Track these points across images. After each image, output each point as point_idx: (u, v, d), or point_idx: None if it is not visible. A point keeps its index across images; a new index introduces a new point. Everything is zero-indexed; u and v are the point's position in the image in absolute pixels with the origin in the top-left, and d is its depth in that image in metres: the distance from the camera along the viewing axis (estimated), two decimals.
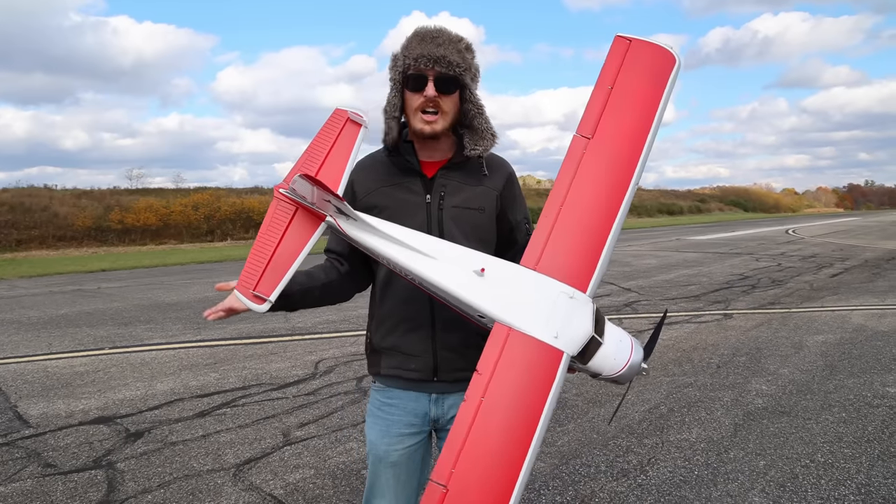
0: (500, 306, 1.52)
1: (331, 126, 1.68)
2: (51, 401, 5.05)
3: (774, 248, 19.24)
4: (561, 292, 1.53)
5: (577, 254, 1.56)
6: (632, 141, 1.61)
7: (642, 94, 1.64)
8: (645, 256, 16.66)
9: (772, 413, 4.49)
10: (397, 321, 1.83)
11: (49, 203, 26.28)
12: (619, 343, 1.58)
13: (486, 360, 1.49)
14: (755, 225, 38.23)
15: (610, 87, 1.65)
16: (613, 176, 1.59)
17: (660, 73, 1.65)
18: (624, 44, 1.67)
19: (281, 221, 1.60)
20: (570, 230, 1.57)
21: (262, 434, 4.21)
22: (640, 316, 8.21)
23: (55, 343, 7.27)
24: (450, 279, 1.56)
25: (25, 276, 15.27)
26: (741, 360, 5.91)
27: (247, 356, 6.38)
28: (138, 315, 8.96)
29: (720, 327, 7.44)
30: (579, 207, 1.58)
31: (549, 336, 1.49)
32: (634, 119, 1.63)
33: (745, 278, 11.85)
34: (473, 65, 1.78)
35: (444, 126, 1.75)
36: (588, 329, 1.52)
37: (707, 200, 69.44)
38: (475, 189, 1.82)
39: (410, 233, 1.62)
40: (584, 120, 1.64)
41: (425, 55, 1.70)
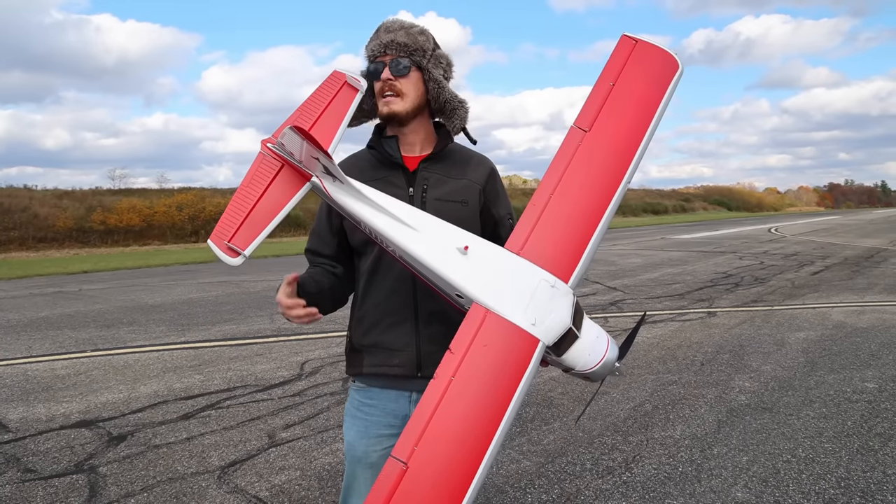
0: (479, 286, 1.50)
1: (327, 87, 1.65)
2: (31, 405, 4.98)
3: (757, 246, 19.46)
4: (543, 280, 1.51)
5: (562, 243, 1.55)
6: (628, 139, 1.61)
7: (643, 94, 1.64)
8: (630, 255, 16.77)
9: (754, 409, 4.53)
10: (379, 317, 1.82)
11: (29, 204, 25.91)
12: (596, 339, 1.56)
13: (460, 339, 1.46)
14: (738, 224, 38.64)
15: (612, 84, 1.64)
16: (606, 171, 1.58)
17: (662, 76, 1.65)
18: (629, 44, 1.67)
19: (264, 176, 1.55)
20: (558, 219, 1.56)
21: (247, 436, 4.19)
22: (626, 315, 8.26)
23: (35, 346, 7.17)
24: (431, 253, 1.53)
25: (4, 278, 15.04)
26: (725, 358, 5.97)
27: (231, 357, 6.33)
28: (121, 317, 8.87)
29: (704, 325, 7.50)
30: (569, 198, 1.57)
31: (527, 322, 1.47)
32: (633, 118, 1.63)
33: (729, 276, 11.97)
34: (429, 47, 1.80)
35: (404, 108, 1.78)
36: (566, 320, 1.50)
37: (691, 200, 70.11)
38: (458, 182, 1.84)
39: (397, 203, 1.59)
40: (583, 112, 1.63)
41: (378, 44, 1.77)
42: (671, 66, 1.66)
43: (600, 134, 1.60)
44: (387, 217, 1.56)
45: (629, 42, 1.67)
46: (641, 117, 1.62)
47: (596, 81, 1.65)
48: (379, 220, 1.56)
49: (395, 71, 1.75)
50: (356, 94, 1.65)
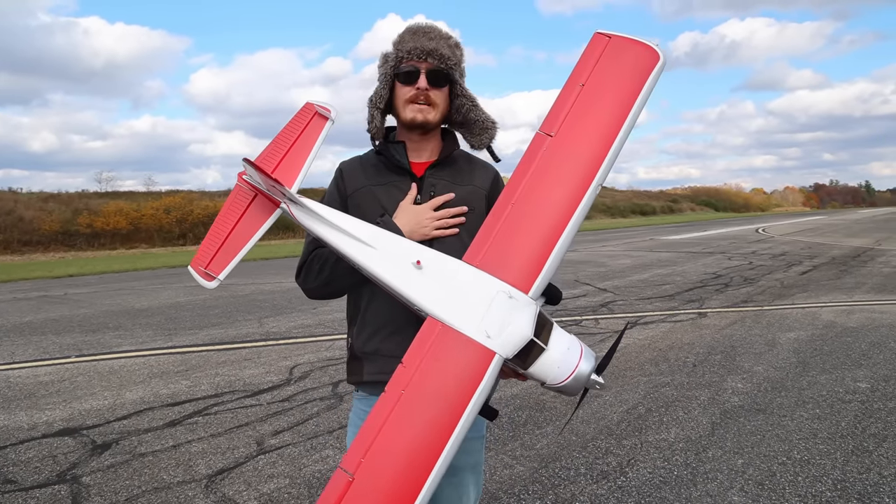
0: (433, 300, 1.49)
1: (299, 119, 1.77)
2: (12, 413, 4.86)
3: (746, 246, 19.55)
4: (500, 291, 1.47)
5: (522, 253, 1.49)
6: (597, 141, 1.53)
7: (616, 92, 1.56)
8: (619, 257, 16.79)
9: (748, 411, 4.50)
10: (380, 324, 1.79)
11: (14, 207, 25.66)
12: (567, 351, 1.49)
13: (412, 353, 1.45)
14: (726, 224, 38.88)
15: (581, 85, 1.57)
16: (572, 176, 1.52)
17: (639, 70, 1.56)
18: (602, 41, 1.59)
19: (239, 206, 1.70)
20: (518, 228, 1.51)
21: (235, 443, 4.11)
22: (617, 316, 8.24)
23: (18, 352, 7.03)
24: (386, 269, 1.55)
25: None
26: (716, 359, 5.95)
27: (219, 362, 6.24)
28: (107, 321, 8.74)
29: (695, 326, 7.49)
30: (530, 206, 1.52)
31: (481, 335, 1.44)
32: (604, 119, 1.55)
33: (719, 277, 11.99)
34: (462, 61, 1.82)
35: (435, 117, 1.78)
36: (526, 332, 1.45)
37: (679, 200, 70.48)
38: (464, 188, 1.82)
39: (353, 221, 1.63)
40: (548, 117, 1.58)
41: (418, 48, 1.74)
42: (650, 58, 1.56)
43: (566, 138, 1.54)
44: (344, 236, 1.60)
45: (602, 39, 1.59)
46: (614, 117, 1.54)
47: (564, 84, 1.59)
48: (338, 239, 1.61)
49: (434, 82, 1.75)
50: (325, 122, 1.75)
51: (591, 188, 1.51)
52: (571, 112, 1.56)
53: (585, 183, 1.52)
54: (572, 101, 1.57)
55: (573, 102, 1.57)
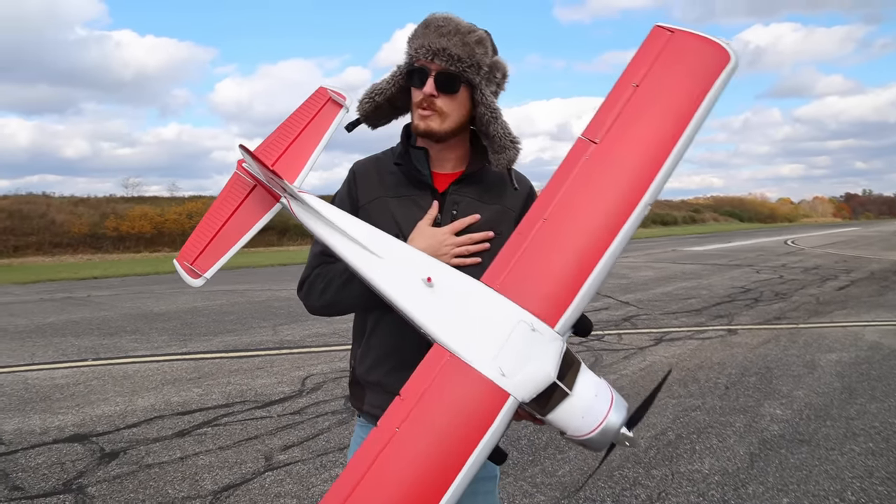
0: (442, 325, 1.29)
1: (311, 104, 1.61)
2: (27, 415, 4.79)
3: (774, 259, 19.03)
4: (521, 321, 1.26)
5: (551, 279, 1.29)
6: (651, 151, 1.32)
7: (677, 96, 1.33)
8: (641, 268, 16.43)
9: (790, 441, 4.21)
10: (385, 354, 1.60)
11: (46, 210, 26.30)
12: (595, 398, 1.27)
13: (413, 384, 1.25)
14: (752, 235, 38.07)
15: (635, 85, 1.34)
16: (618, 191, 1.31)
17: (706, 71, 1.33)
18: (662, 36, 1.37)
19: (235, 197, 1.54)
20: (549, 249, 1.30)
21: (242, 457, 3.95)
22: (640, 331, 7.97)
23: (38, 353, 7.00)
24: (391, 284, 1.36)
25: (19, 282, 15.03)
26: (751, 381, 5.66)
27: (232, 370, 6.11)
28: (125, 325, 8.70)
29: (725, 344, 7.20)
30: (566, 223, 1.31)
31: (495, 371, 1.24)
32: (660, 125, 1.33)
33: (747, 291, 11.63)
34: (486, 61, 1.53)
35: (441, 127, 1.54)
36: (549, 373, 1.24)
37: (701, 210, 69.37)
38: (491, 208, 1.59)
39: (360, 225, 1.44)
40: (594, 121, 1.35)
41: (426, 46, 1.50)
42: (719, 58, 1.33)
43: (614, 146, 1.33)
44: (347, 241, 1.42)
45: (662, 34, 1.37)
46: (672, 124, 1.32)
47: (615, 84, 1.37)
48: (340, 243, 1.43)
49: (441, 87, 1.51)
50: (339, 110, 1.60)
51: (639, 206, 1.30)
52: (622, 116, 1.34)
53: (634, 199, 1.30)
54: (623, 103, 1.34)
55: (624, 105, 1.34)
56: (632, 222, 1.30)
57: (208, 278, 1.50)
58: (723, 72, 1.32)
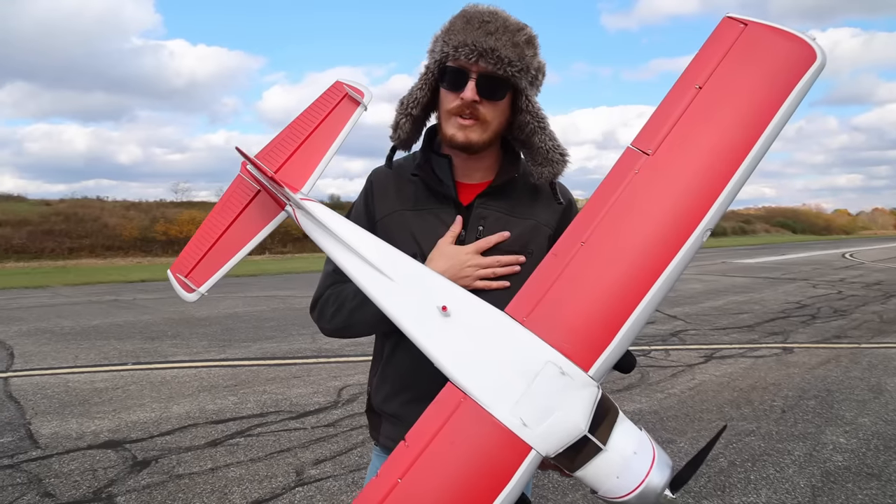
0: (456, 361, 1.13)
1: (325, 100, 1.44)
2: (65, 419, 4.82)
3: (832, 273, 18.21)
4: (549, 362, 1.09)
5: (588, 314, 1.11)
6: (715, 166, 1.12)
7: (750, 100, 1.13)
8: (690, 281, 15.91)
9: (857, 475, 3.88)
10: (403, 384, 1.46)
11: (100, 214, 27.36)
12: (634, 456, 1.09)
13: (421, 428, 1.10)
14: (806, 248, 36.67)
15: (698, 87, 1.14)
16: (672, 214, 1.12)
17: (785, 72, 1.12)
18: (734, 29, 1.15)
19: (236, 204, 1.40)
20: (586, 278, 1.12)
21: (273, 470, 3.86)
22: (689, 347, 7.64)
23: (81, 355, 7.11)
24: (402, 310, 1.20)
25: (70, 284, 15.49)
26: (810, 405, 5.31)
27: (268, 378, 6.06)
28: (166, 329, 8.79)
29: (780, 363, 6.82)
30: (608, 248, 1.13)
31: (514, 420, 1.07)
32: (728, 135, 1.12)
33: (803, 307, 11.10)
34: (534, 63, 1.35)
35: (482, 138, 1.36)
36: (579, 425, 1.07)
37: (752, 221, 67.39)
38: (523, 223, 1.41)
39: (370, 241, 1.28)
40: (646, 128, 1.16)
41: (469, 45, 1.29)
42: (803, 56, 1.12)
43: (670, 158, 1.13)
44: (356, 259, 1.25)
45: (734, 27, 1.15)
46: (744, 133, 1.12)
47: (674, 85, 1.17)
48: (347, 261, 1.28)
49: (485, 93, 1.31)
50: (357, 107, 1.43)
51: (696, 232, 1.10)
52: (681, 123, 1.13)
53: (690, 224, 1.10)
54: (683, 107, 1.14)
55: (684, 110, 1.14)
56: (686, 251, 1.10)
57: (203, 293, 1.37)
58: (807, 72, 1.11)
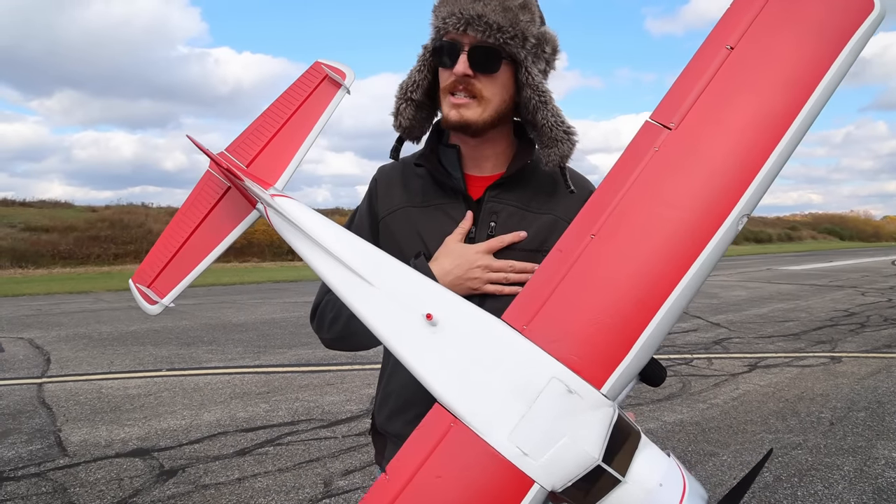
0: (445, 379, 0.96)
1: (303, 83, 1.29)
2: (95, 426, 4.84)
3: (881, 280, 17.52)
4: (554, 378, 0.92)
5: (600, 323, 0.93)
6: (751, 140, 0.93)
7: (792, 60, 0.94)
8: (733, 287, 15.48)
9: None
10: (407, 402, 1.33)
11: (145, 220, 28.03)
12: (660, 488, 0.91)
13: (403, 458, 0.93)
14: (854, 255, 35.45)
15: (729, 48, 0.95)
16: (701, 200, 0.94)
17: (837, 23, 0.92)
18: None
19: (205, 201, 1.26)
20: (598, 281, 0.95)
21: (301, 481, 3.79)
22: (733, 356, 7.37)
23: (116, 361, 7.19)
24: (383, 320, 1.03)
25: (113, 289, 15.78)
26: (860, 417, 5.04)
27: (301, 386, 6.03)
28: (202, 335, 8.86)
29: (828, 373, 6.51)
30: (623, 245, 0.95)
31: (514, 449, 0.90)
32: (766, 103, 0.94)
33: (852, 315, 10.66)
34: (533, 31, 1.22)
35: (481, 117, 1.24)
36: (591, 453, 0.90)
37: (798, 228, 65.62)
38: (539, 219, 1.28)
39: (350, 241, 1.13)
40: (667, 98, 0.98)
41: (456, 14, 1.18)
42: (857, 6, 0.93)
43: (696, 133, 0.95)
44: (332, 262, 1.10)
45: None
46: (785, 99, 0.93)
47: (700, 47, 0.99)
48: (323, 265, 1.11)
49: (478, 65, 1.20)
50: (338, 89, 1.28)
51: (730, 218, 0.92)
52: (709, 90, 0.95)
53: (724, 207, 0.92)
54: (711, 73, 0.95)
55: (713, 75, 0.95)
56: (719, 242, 0.93)
57: (167, 305, 1.24)
58: (863, 24, 0.91)
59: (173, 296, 1.24)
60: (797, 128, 0.93)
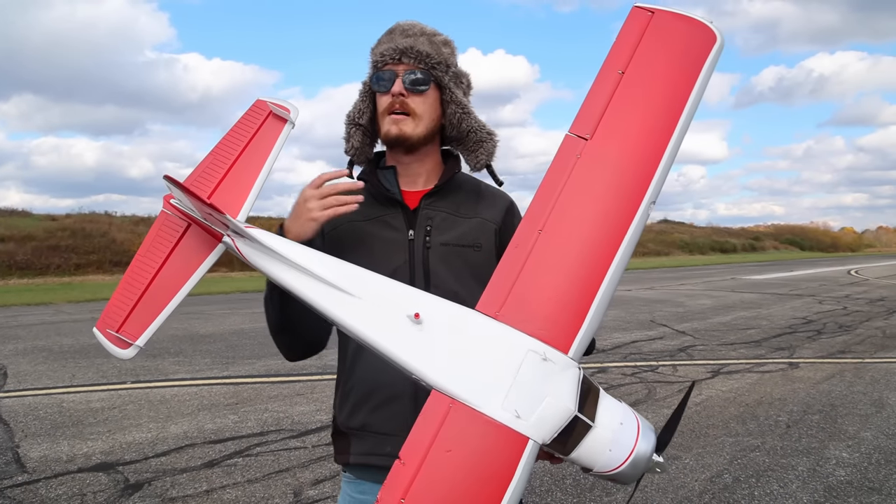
0: (438, 367, 1.11)
1: (248, 120, 1.38)
2: (55, 441, 4.75)
3: (838, 289, 18.09)
4: (530, 351, 1.10)
5: (557, 300, 1.14)
6: (648, 144, 1.19)
7: (666, 82, 1.21)
8: (699, 296, 15.82)
9: (858, 489, 3.81)
10: (368, 392, 1.45)
11: (108, 229, 27.10)
12: (621, 427, 1.12)
13: (414, 443, 1.07)
14: (814, 265, 36.47)
15: (621, 72, 1.21)
16: (618, 193, 1.18)
17: (693, 54, 1.21)
18: (643, 17, 1.24)
19: (165, 242, 1.28)
20: (551, 265, 1.16)
21: (271, 491, 3.79)
22: (697, 363, 7.55)
23: (78, 374, 7.06)
24: (374, 327, 1.16)
25: (75, 300, 15.42)
26: (814, 420, 5.22)
27: (271, 396, 6.00)
28: (169, 346, 8.74)
29: (786, 378, 6.72)
30: (566, 234, 1.17)
31: (508, 414, 1.07)
32: (653, 115, 1.20)
33: (810, 322, 10.99)
34: (454, 61, 1.52)
35: (415, 131, 1.46)
36: (568, 406, 1.09)
37: (761, 238, 67.29)
38: (469, 222, 1.50)
39: (325, 260, 1.23)
40: (581, 114, 1.22)
41: (392, 48, 1.46)
42: (705, 40, 1.22)
43: (608, 140, 1.20)
44: (312, 281, 1.20)
45: (642, 15, 1.24)
46: (666, 113, 1.20)
47: (599, 72, 1.24)
48: (303, 284, 1.20)
49: (411, 86, 1.45)
50: (284, 125, 1.37)
51: (642, 206, 1.16)
52: (612, 106, 1.20)
53: (635, 200, 1.16)
54: (610, 92, 1.21)
55: (612, 94, 1.20)
56: (636, 225, 1.16)
57: (142, 346, 1.25)
58: (710, 53, 1.21)
59: (147, 336, 1.25)
60: (679, 131, 1.19)
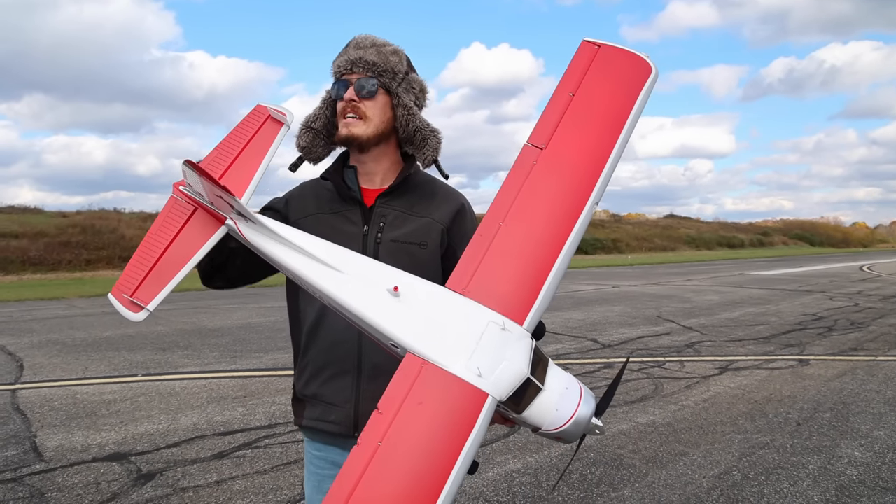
0: (413, 333, 1.29)
1: (249, 122, 1.54)
2: (71, 431, 4.81)
3: (849, 285, 17.97)
4: (491, 322, 1.29)
5: (515, 280, 1.36)
6: (592, 155, 1.42)
7: (609, 104, 1.45)
8: (706, 292, 15.77)
9: (872, 489, 3.79)
10: (321, 366, 1.67)
11: (117, 225, 27.53)
12: (565, 391, 1.31)
13: (390, 396, 1.23)
14: (824, 260, 36.26)
15: (571, 95, 1.45)
16: (567, 194, 1.41)
17: (632, 82, 1.45)
18: (591, 49, 1.49)
19: (174, 223, 1.44)
20: (510, 252, 1.37)
21: (279, 483, 3.82)
22: (704, 359, 7.53)
23: (91, 367, 7.13)
24: (357, 297, 1.34)
25: (86, 295, 15.58)
26: (825, 417, 5.20)
27: (279, 389, 6.04)
28: (178, 340, 8.81)
29: (796, 375, 6.70)
30: (523, 227, 1.39)
31: (471, 373, 1.25)
32: (598, 131, 1.44)
33: (820, 319, 10.94)
34: (401, 69, 1.67)
35: (365, 132, 1.64)
36: (522, 369, 1.27)
37: (770, 233, 66.71)
38: (418, 221, 1.68)
39: (318, 242, 1.42)
40: (537, 128, 1.45)
41: (346, 60, 1.65)
42: (642, 71, 1.47)
43: (559, 151, 1.43)
44: (306, 258, 1.39)
45: (590, 48, 1.50)
46: (608, 129, 1.44)
47: (553, 93, 1.48)
48: (297, 261, 1.39)
49: (360, 92, 1.63)
50: (280, 128, 1.55)
51: (587, 206, 1.39)
52: (563, 122, 1.44)
53: (581, 202, 1.39)
54: (562, 111, 1.45)
55: (563, 112, 1.45)
56: (582, 221, 1.37)
57: (151, 311, 1.39)
58: (646, 82, 1.46)
59: (158, 301, 1.40)
60: (618, 148, 1.42)
